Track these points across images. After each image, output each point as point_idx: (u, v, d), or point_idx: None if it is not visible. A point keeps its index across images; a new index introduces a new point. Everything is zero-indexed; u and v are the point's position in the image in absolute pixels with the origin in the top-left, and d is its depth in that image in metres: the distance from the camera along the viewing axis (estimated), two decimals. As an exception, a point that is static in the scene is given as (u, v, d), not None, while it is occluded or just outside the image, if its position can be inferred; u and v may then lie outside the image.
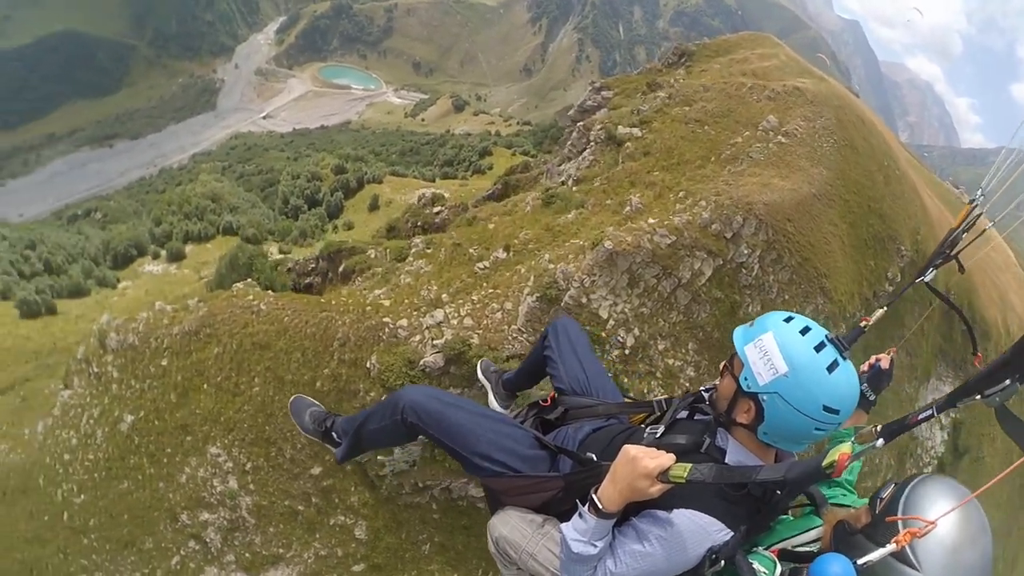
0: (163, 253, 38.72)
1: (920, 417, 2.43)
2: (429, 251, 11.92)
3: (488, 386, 4.94)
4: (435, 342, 9.04)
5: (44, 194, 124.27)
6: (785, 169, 13.18)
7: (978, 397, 2.37)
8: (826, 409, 2.46)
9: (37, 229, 46.89)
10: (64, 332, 29.24)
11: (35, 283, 33.96)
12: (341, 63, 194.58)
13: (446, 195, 40.00)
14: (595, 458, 2.99)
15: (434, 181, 49.26)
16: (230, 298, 11.98)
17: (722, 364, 2.87)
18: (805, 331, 2.57)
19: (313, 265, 16.57)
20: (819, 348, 2.51)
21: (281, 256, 17.63)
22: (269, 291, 12.27)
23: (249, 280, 14.38)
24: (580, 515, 2.62)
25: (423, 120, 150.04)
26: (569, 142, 23.28)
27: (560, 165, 23.98)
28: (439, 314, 9.43)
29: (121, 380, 12.85)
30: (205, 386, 11.64)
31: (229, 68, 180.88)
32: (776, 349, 2.53)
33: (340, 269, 15.02)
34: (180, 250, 38.52)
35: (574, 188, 13.26)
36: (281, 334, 10.89)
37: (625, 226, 9.92)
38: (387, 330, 9.86)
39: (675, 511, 2.53)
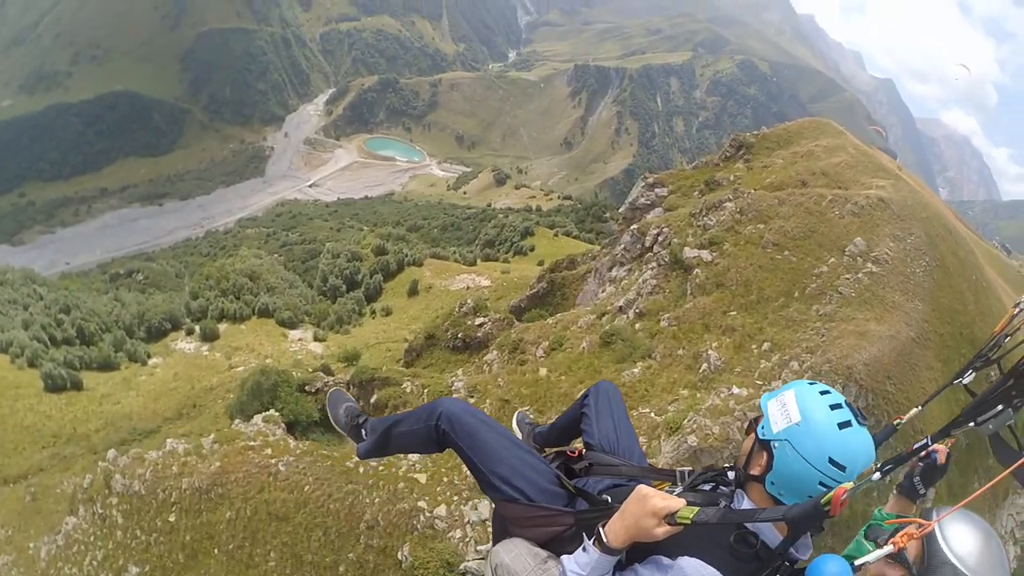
0: (197, 330, 38.11)
1: (915, 447, 2.51)
2: (472, 400, 10.44)
3: (519, 436, 4.70)
4: (479, 547, 7.43)
5: (92, 245, 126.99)
6: (880, 308, 11.54)
7: (971, 425, 2.45)
8: (832, 462, 2.46)
9: (74, 291, 46.84)
10: (86, 414, 28.44)
11: (64, 352, 33.44)
12: (387, 135, 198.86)
13: (487, 285, 39.05)
14: (609, 500, 2.98)
15: (475, 263, 48.23)
16: (245, 451, 10.66)
17: (748, 426, 2.88)
18: (824, 393, 2.62)
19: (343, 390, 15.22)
20: (834, 407, 2.55)
21: (310, 374, 16.38)
22: (290, 440, 10.93)
23: (271, 412, 13.02)
24: (584, 548, 2.60)
25: (465, 193, 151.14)
26: (622, 246, 21.89)
27: (611, 270, 22.53)
28: (484, 508, 7.83)
29: (127, 528, 11.78)
30: (216, 551, 10.34)
31: (279, 136, 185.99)
32: (793, 402, 2.61)
33: (372, 399, 13.67)
34: (214, 330, 37.82)
35: (637, 325, 11.73)
36: (301, 506, 9.47)
37: (707, 403, 8.30)
38: (422, 518, 8.33)
39: (680, 559, 2.48)
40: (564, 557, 2.67)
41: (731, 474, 2.94)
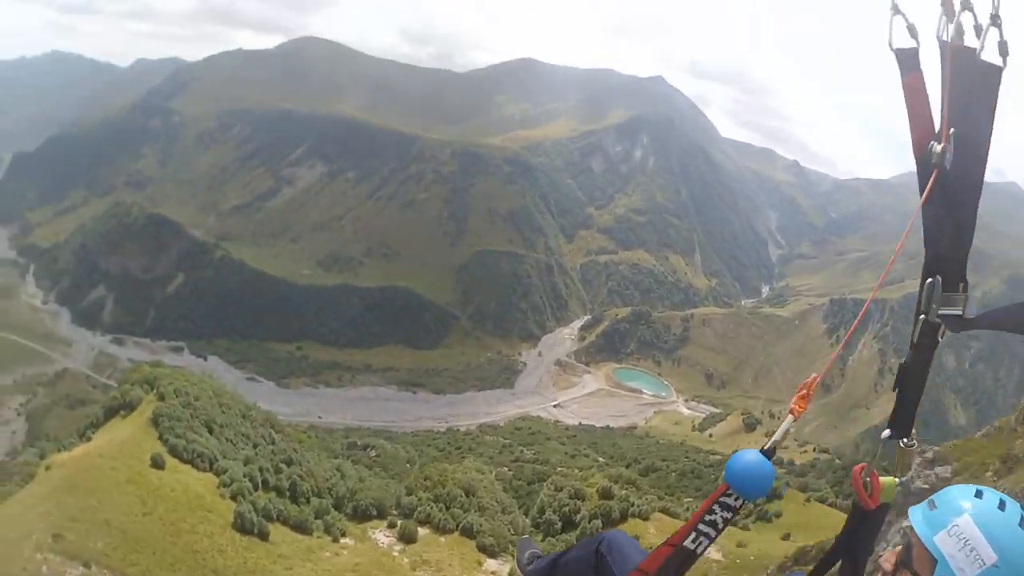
0: (398, 525, 37.02)
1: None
2: None
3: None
4: None
5: (346, 410, 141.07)
6: None
7: (922, 317, 2.27)
8: None
9: (305, 447, 48.51)
10: (256, 566, 27.14)
11: (268, 497, 33.79)
12: (635, 367, 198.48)
13: (717, 559, 33.47)
14: None
15: (707, 523, 42.35)
16: None
17: (885, 558, 2.30)
18: (1002, 506, 2.12)
19: None
20: (1023, 523, 2.09)
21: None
22: None
23: None
24: None
25: (711, 436, 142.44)
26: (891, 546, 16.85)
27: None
28: None
29: None
30: None
31: (533, 354, 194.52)
32: (980, 535, 2.05)
33: None
34: (412, 533, 36.15)
35: None
36: None
37: None
38: None
39: None
40: None
41: None
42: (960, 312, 2.19)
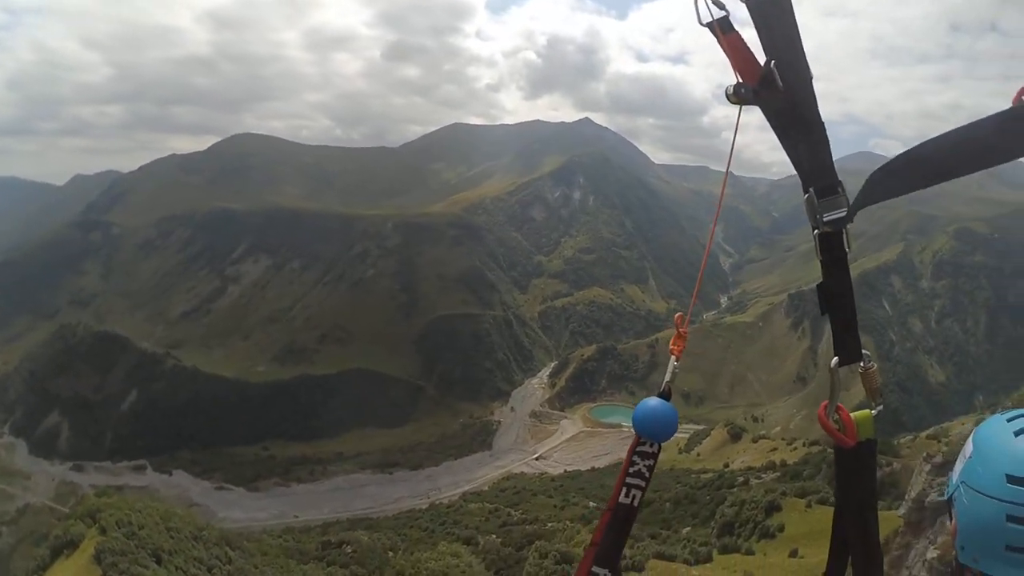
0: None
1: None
2: None
3: None
4: None
5: (321, 504, 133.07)
6: None
7: (816, 232, 2.31)
8: (1011, 480, 1.90)
9: (270, 559, 44.65)
10: None
11: None
12: (611, 402, 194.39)
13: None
14: None
15: (711, 559, 39.53)
16: None
17: None
18: (1006, 414, 2.13)
19: None
20: (1012, 419, 2.06)
21: None
22: None
23: None
24: None
25: (699, 455, 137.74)
26: (907, 572, 14.58)
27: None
28: None
29: None
30: None
31: (505, 411, 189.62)
32: (970, 441, 2.15)
33: None
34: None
35: None
36: None
37: None
38: None
39: None
40: None
41: None
42: (846, 211, 2.22)
